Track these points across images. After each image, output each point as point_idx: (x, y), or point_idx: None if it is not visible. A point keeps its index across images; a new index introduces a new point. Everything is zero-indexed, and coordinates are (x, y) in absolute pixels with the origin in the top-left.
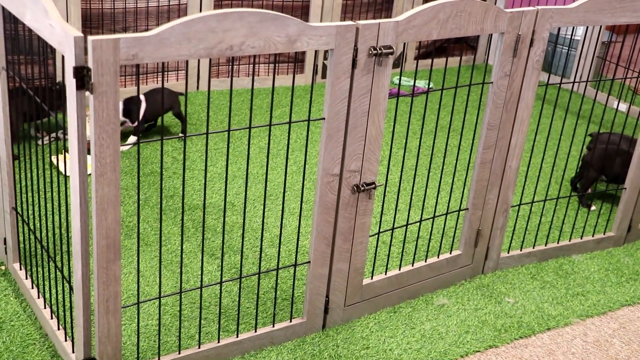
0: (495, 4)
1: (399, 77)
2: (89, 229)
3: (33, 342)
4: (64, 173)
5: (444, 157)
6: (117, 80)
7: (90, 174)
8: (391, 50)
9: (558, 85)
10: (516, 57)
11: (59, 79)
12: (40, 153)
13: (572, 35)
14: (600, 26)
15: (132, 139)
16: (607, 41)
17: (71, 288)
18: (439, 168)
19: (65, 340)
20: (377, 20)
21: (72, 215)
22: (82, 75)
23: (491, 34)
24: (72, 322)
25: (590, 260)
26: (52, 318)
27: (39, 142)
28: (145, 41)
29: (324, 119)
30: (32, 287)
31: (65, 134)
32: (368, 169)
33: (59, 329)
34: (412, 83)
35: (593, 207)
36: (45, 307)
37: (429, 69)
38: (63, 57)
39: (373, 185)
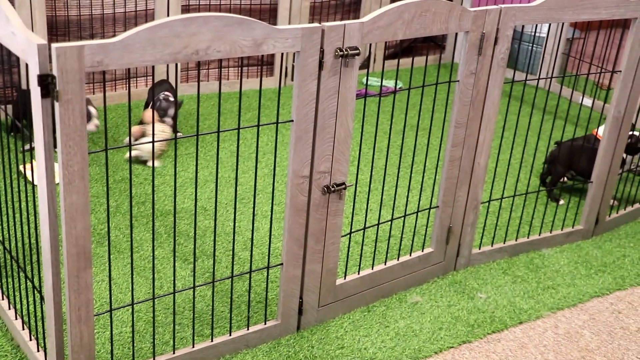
0: (462, 3)
1: (367, 77)
2: (59, 237)
3: (4, 354)
4: (32, 182)
5: (414, 155)
6: (82, 88)
7: (58, 183)
8: (357, 52)
9: (523, 82)
10: (481, 55)
11: (23, 87)
12: (7, 162)
13: (535, 32)
14: (563, 23)
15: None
16: (570, 37)
17: (42, 298)
18: (408, 167)
19: (38, 351)
20: (343, 22)
21: (41, 224)
22: (47, 83)
23: (457, 33)
24: (44, 332)
25: (560, 254)
26: (23, 329)
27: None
28: (110, 47)
29: (292, 121)
30: (2, 299)
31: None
32: (338, 170)
33: (30, 339)
34: (380, 83)
35: (562, 202)
36: (16, 318)
37: (396, 68)
38: (27, 65)
39: (343, 186)
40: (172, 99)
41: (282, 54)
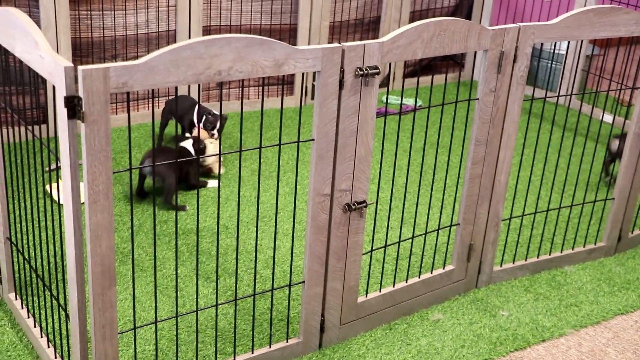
0: (480, 21)
1: (386, 95)
2: (84, 256)
3: None
4: (57, 201)
5: (434, 173)
6: (107, 109)
7: (83, 202)
8: (377, 71)
9: (543, 99)
10: (500, 73)
11: (50, 109)
12: (34, 182)
13: (554, 49)
14: (582, 40)
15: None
16: (590, 54)
17: (67, 316)
18: (429, 184)
19: None
20: (363, 42)
21: (67, 243)
22: (73, 105)
23: (476, 51)
24: (69, 350)
25: (583, 271)
26: (48, 347)
27: (47, 168)
28: (135, 69)
29: (313, 140)
30: (28, 317)
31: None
32: (359, 188)
33: (56, 357)
34: (399, 101)
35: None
36: (42, 337)
37: (416, 87)
38: (54, 87)
39: (364, 204)
40: (215, 112)
41: (303, 73)
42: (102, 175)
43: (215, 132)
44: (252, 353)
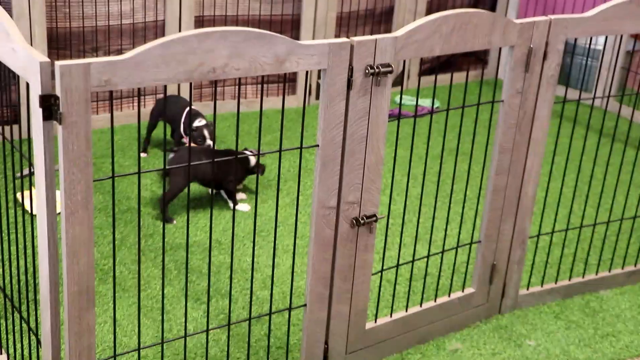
0: (506, 14)
1: (400, 95)
2: (59, 274)
3: None
4: (30, 212)
5: (453, 184)
6: (88, 109)
7: (59, 213)
8: (390, 69)
9: (577, 100)
10: (528, 72)
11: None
12: (3, 189)
13: (590, 44)
14: (622, 34)
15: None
16: (631, 50)
17: (39, 341)
18: (447, 196)
19: None
20: (374, 36)
21: (40, 259)
22: (50, 104)
23: (501, 47)
24: None
25: (621, 296)
26: None
27: (18, 174)
28: (119, 65)
29: (317, 145)
30: None
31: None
32: (368, 200)
33: None
34: (415, 102)
35: None
36: None
37: (433, 86)
38: (28, 84)
39: (374, 218)
40: (204, 121)
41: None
42: (81, 183)
43: (209, 142)
44: None
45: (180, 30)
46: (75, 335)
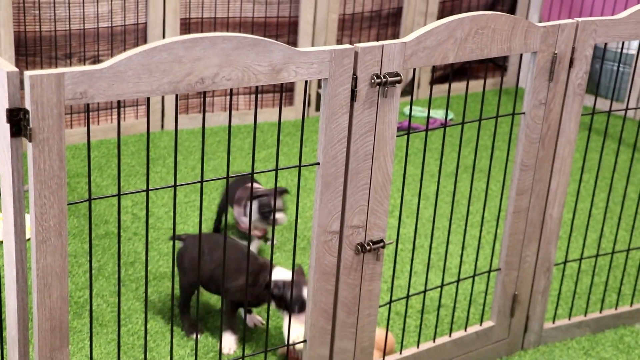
0: (528, 17)
1: (409, 107)
2: (28, 308)
3: None
4: None
5: (469, 205)
6: (61, 124)
7: (29, 239)
8: (398, 79)
9: (608, 112)
10: (553, 81)
11: None
12: None
13: (622, 48)
14: None
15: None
16: None
17: None
18: (462, 218)
19: None
20: (380, 42)
21: (7, 291)
22: (18, 119)
23: (522, 54)
24: None
25: None
26: None
27: None
28: (97, 76)
29: (318, 164)
30: None
31: None
32: (375, 224)
33: None
34: (426, 114)
35: None
36: None
37: (447, 95)
38: None
39: (381, 244)
40: (262, 188)
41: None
42: (54, 207)
43: (281, 215)
44: None
45: (164, 35)
46: None
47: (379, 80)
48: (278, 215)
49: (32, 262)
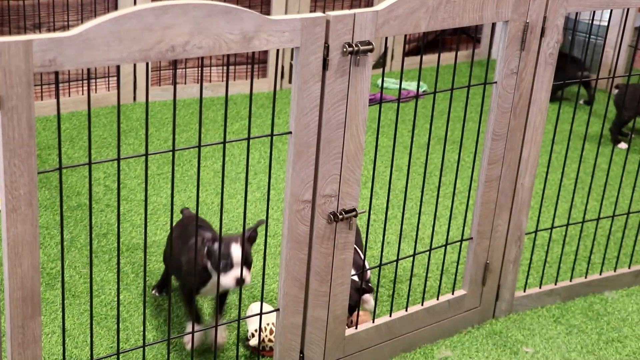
0: None
1: (382, 78)
2: (0, 278)
3: None
4: None
5: (441, 175)
6: (30, 92)
7: None
8: (370, 47)
9: (578, 82)
10: (524, 50)
11: None
12: None
13: (593, 19)
14: (628, 8)
15: None
16: (638, 26)
17: None
18: (435, 189)
19: None
20: (352, 11)
21: None
22: None
23: (494, 23)
24: None
25: (627, 298)
26: None
27: None
28: (66, 43)
29: (290, 133)
30: None
31: None
32: (347, 193)
33: None
34: (398, 86)
35: (623, 145)
36: None
37: (419, 67)
38: None
39: (354, 213)
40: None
41: (278, 50)
42: (24, 176)
43: (245, 275)
44: None
45: (135, 4)
46: (18, 346)
47: (351, 49)
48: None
49: (2, 231)
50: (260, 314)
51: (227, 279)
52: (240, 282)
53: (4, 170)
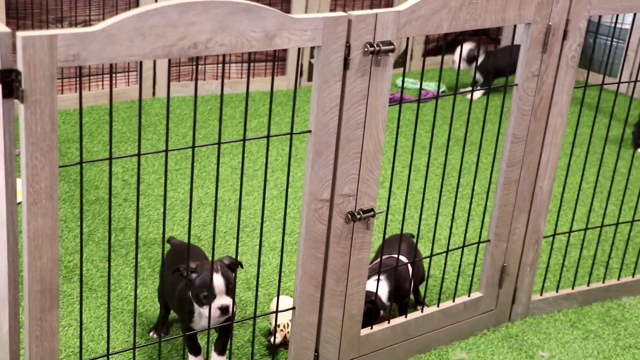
0: None
1: (402, 78)
2: (19, 270)
3: None
4: None
5: (459, 176)
6: (54, 86)
7: (20, 202)
8: (391, 47)
9: (600, 85)
10: (546, 53)
11: None
12: None
13: (616, 22)
14: None
15: None
16: None
17: None
18: (453, 190)
19: None
20: (374, 11)
21: None
22: (10, 80)
23: (516, 25)
24: None
25: None
26: None
27: None
28: (90, 38)
29: (310, 131)
30: None
31: None
32: (365, 193)
33: None
34: (418, 86)
35: None
36: None
37: (439, 68)
38: None
39: (372, 213)
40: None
41: (299, 48)
42: (45, 169)
43: (227, 307)
44: None
45: (156, 0)
46: (36, 339)
47: (372, 48)
48: (222, 301)
49: (22, 224)
50: (277, 311)
51: (212, 310)
52: (224, 310)
53: (25, 163)
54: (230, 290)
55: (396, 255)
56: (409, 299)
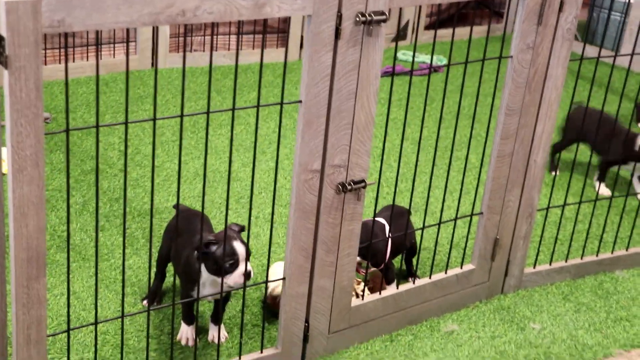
0: None
1: (396, 51)
2: (5, 238)
3: None
4: None
5: (452, 149)
6: (38, 52)
7: (5, 174)
8: (384, 17)
9: (596, 58)
10: (542, 24)
11: None
12: None
13: None
14: None
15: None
16: None
17: None
18: (446, 163)
19: None
20: None
21: None
22: None
23: None
24: None
25: (638, 278)
26: None
27: None
28: (75, 4)
29: (300, 102)
30: None
31: None
32: (356, 164)
33: None
34: (419, 59)
35: (555, 173)
36: None
37: (432, 40)
38: None
39: (363, 184)
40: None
41: (303, 19)
42: (31, 136)
43: (250, 272)
44: None
45: None
46: (23, 306)
47: (364, 18)
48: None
49: (8, 191)
50: (267, 281)
51: (236, 277)
52: (248, 276)
53: (10, 130)
54: (249, 256)
55: (378, 219)
56: (386, 266)
